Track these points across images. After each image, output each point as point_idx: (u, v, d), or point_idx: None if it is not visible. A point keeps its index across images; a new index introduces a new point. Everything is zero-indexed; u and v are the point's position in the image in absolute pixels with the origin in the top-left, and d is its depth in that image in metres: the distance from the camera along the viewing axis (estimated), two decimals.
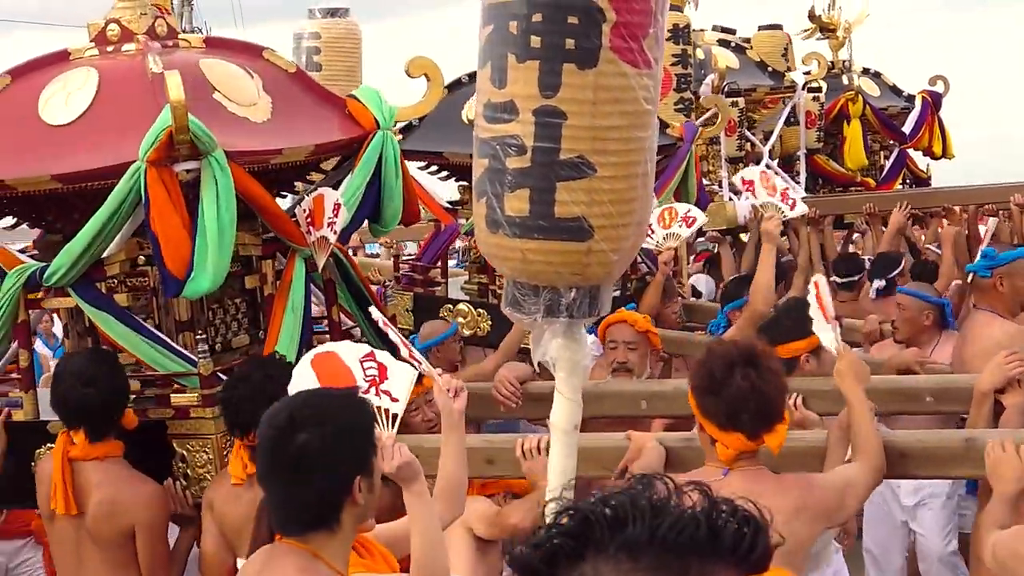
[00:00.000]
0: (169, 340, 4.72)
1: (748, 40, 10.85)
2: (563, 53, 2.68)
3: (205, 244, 4.35)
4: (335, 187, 5.10)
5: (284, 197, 5.42)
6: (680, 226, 7.08)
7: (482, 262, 6.88)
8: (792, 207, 6.99)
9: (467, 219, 6.56)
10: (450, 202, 7.31)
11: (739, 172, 7.47)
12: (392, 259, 7.87)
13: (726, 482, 3.56)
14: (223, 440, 4.60)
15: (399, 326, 6.50)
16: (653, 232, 6.98)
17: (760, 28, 10.88)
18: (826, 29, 11.38)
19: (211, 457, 4.59)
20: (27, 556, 6.60)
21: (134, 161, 4.36)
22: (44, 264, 4.68)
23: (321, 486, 2.83)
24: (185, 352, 4.68)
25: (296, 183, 5.46)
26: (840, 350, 4.07)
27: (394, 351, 5.18)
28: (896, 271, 7.60)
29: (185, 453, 4.63)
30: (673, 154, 7.27)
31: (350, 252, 5.86)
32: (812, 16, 11.36)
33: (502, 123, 2.77)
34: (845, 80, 11.05)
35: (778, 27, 10.86)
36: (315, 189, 5.12)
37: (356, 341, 5.29)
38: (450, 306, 6.78)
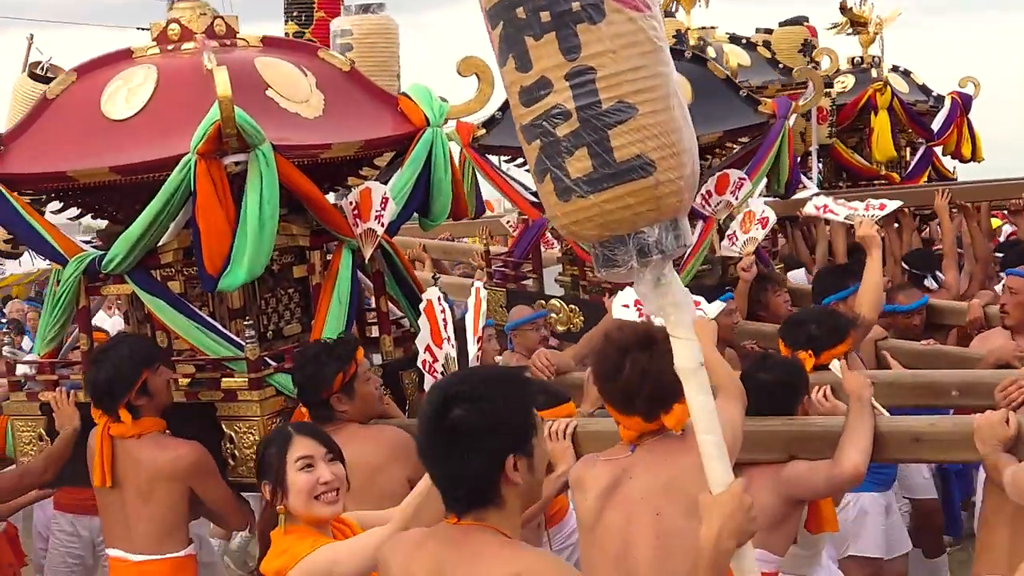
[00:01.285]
0: (219, 326, 4.92)
1: (770, 31, 10.77)
2: (573, 16, 2.84)
3: (245, 237, 4.54)
4: (385, 182, 5.26)
5: (337, 191, 5.58)
6: (756, 228, 6.94)
7: (573, 254, 6.97)
8: (881, 208, 6.82)
9: None
10: (535, 194, 7.28)
11: (811, 200, 7.30)
12: (483, 254, 7.96)
13: (634, 458, 3.79)
14: (269, 422, 4.78)
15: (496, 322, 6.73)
16: (737, 239, 6.90)
17: (780, 24, 10.82)
18: (857, 24, 11.19)
19: (257, 439, 4.76)
20: None
21: (186, 154, 4.56)
22: (103, 252, 4.91)
23: (474, 462, 2.83)
24: (234, 338, 4.86)
25: (349, 178, 5.62)
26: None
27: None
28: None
29: (233, 434, 4.82)
30: (766, 132, 7.05)
31: None
32: (843, 9, 11.15)
33: (540, 100, 2.91)
34: (874, 74, 10.90)
35: (799, 22, 10.79)
36: (362, 183, 5.31)
37: (404, 331, 5.51)
38: (542, 302, 6.89)
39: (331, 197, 5.48)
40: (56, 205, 5.36)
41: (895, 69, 11.77)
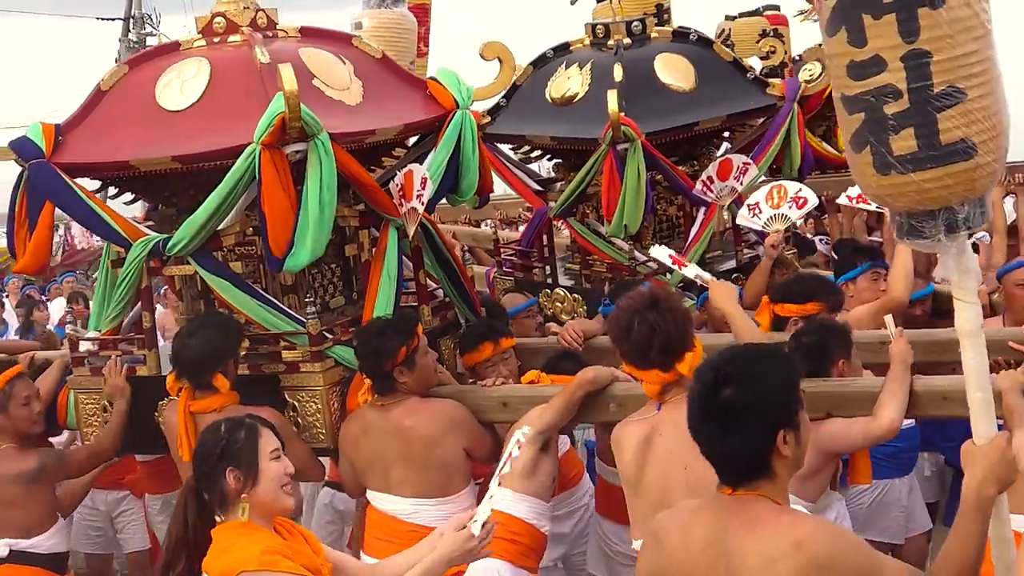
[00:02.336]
0: (278, 302, 5.27)
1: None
2: (915, 0, 2.96)
3: (307, 220, 4.86)
4: (418, 162, 5.61)
5: (373, 172, 5.91)
6: (790, 207, 6.55)
7: (577, 244, 6.99)
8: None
9: (555, 201, 6.81)
10: (539, 183, 7.36)
11: (848, 189, 6.74)
12: (493, 243, 8.05)
13: (661, 415, 4.26)
14: (330, 391, 5.15)
15: None
16: (760, 212, 6.57)
17: (740, 15, 10.53)
18: None
19: (320, 407, 5.14)
20: (127, 507, 7.28)
21: (246, 144, 4.87)
22: (167, 235, 5.23)
23: (747, 439, 2.96)
24: (293, 313, 5.21)
25: (383, 159, 5.96)
26: (708, 280, 4.86)
27: (473, 308, 5.79)
28: None
29: (296, 404, 5.18)
30: (773, 115, 7.02)
31: None
32: None
33: (871, 77, 3.02)
34: None
35: (758, 13, 10.43)
36: (403, 165, 5.65)
37: (439, 301, 5.88)
38: (548, 291, 6.96)
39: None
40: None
41: None
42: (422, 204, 5.43)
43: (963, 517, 3.00)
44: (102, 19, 39.98)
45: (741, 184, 6.72)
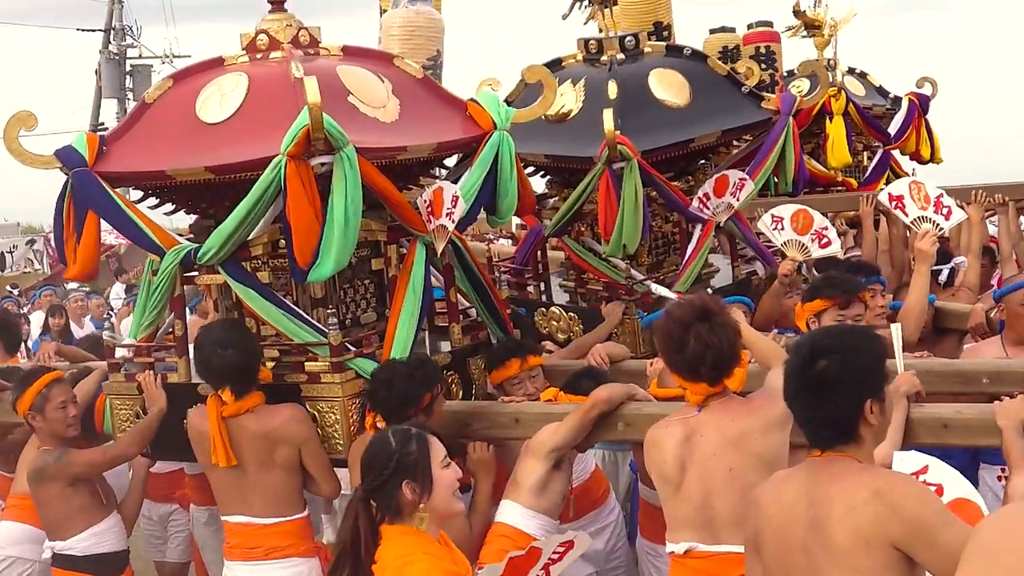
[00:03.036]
0: (304, 314, 5.33)
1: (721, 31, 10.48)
2: None
3: (332, 232, 4.92)
4: (455, 181, 5.66)
5: (411, 190, 5.97)
6: (812, 240, 6.57)
7: (571, 262, 6.96)
8: (948, 216, 6.37)
9: (550, 220, 6.75)
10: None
11: (886, 187, 6.73)
12: (486, 260, 7.79)
13: (701, 418, 4.29)
14: (349, 403, 5.20)
15: None
16: (783, 229, 6.58)
17: (711, 31, 10.56)
18: (811, 26, 10.92)
19: (338, 418, 5.19)
20: (175, 519, 7.45)
21: (277, 155, 4.98)
22: (198, 245, 5.34)
23: (837, 406, 3.33)
24: (318, 325, 5.28)
25: (421, 178, 6.02)
26: None
27: (504, 327, 5.80)
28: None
29: (316, 414, 5.24)
30: (768, 130, 6.87)
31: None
32: (797, 12, 10.92)
33: None
34: (831, 78, 10.44)
35: (728, 30, 10.50)
36: (435, 183, 5.71)
37: (471, 320, 5.91)
38: (543, 310, 6.89)
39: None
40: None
41: (851, 71, 11.59)
42: (452, 222, 5.47)
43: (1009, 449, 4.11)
44: (83, 30, 40.83)
45: (737, 200, 6.71)
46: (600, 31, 7.23)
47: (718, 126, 6.80)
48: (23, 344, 10.20)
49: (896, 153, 11.08)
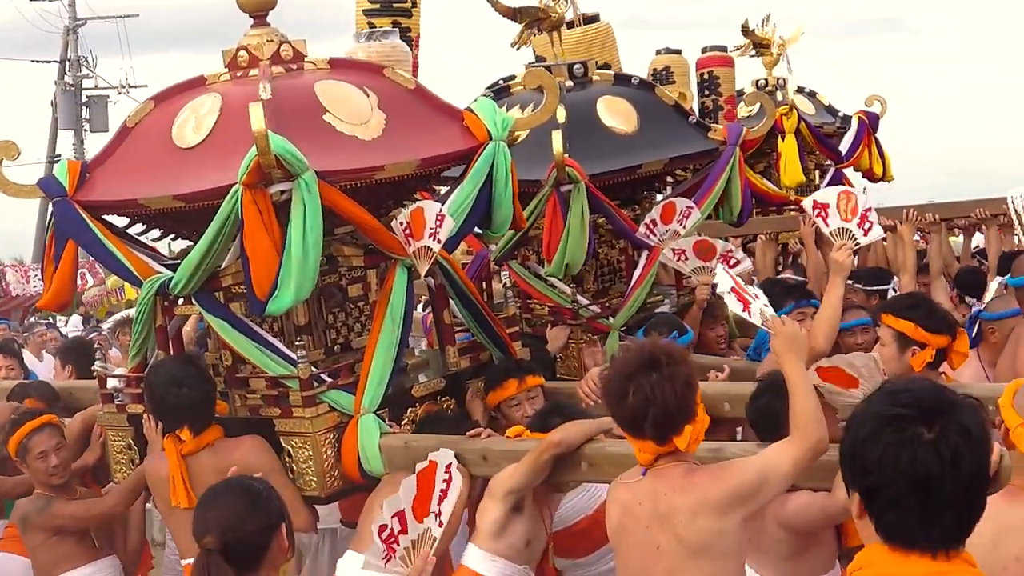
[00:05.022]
0: (279, 344, 5.13)
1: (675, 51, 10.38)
2: None
3: (290, 262, 4.70)
4: (444, 198, 5.39)
5: (405, 205, 5.70)
6: (720, 266, 6.38)
7: (517, 287, 6.71)
8: (867, 232, 6.12)
9: (496, 244, 6.50)
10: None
11: (813, 194, 6.47)
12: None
13: (643, 483, 3.87)
14: (322, 438, 4.98)
15: None
16: (687, 259, 6.73)
17: (657, 52, 10.38)
18: (759, 45, 10.78)
19: (311, 454, 4.98)
20: None
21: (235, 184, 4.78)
22: (172, 275, 5.18)
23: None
24: (292, 356, 5.07)
25: (422, 191, 5.77)
26: (773, 324, 4.11)
27: (505, 349, 5.54)
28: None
29: (290, 449, 5.04)
30: (715, 159, 6.90)
31: None
32: (746, 31, 10.75)
33: None
34: (780, 97, 10.42)
35: (676, 51, 10.34)
36: (444, 199, 5.45)
37: (470, 343, 5.65)
38: None
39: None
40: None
41: (800, 90, 11.38)
42: (438, 242, 5.20)
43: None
44: (37, 62, 40.62)
45: (684, 228, 6.66)
46: (535, 56, 7.30)
47: (665, 154, 6.74)
48: None
49: (849, 172, 10.80)
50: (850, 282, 7.20)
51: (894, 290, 7.77)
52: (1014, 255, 7.99)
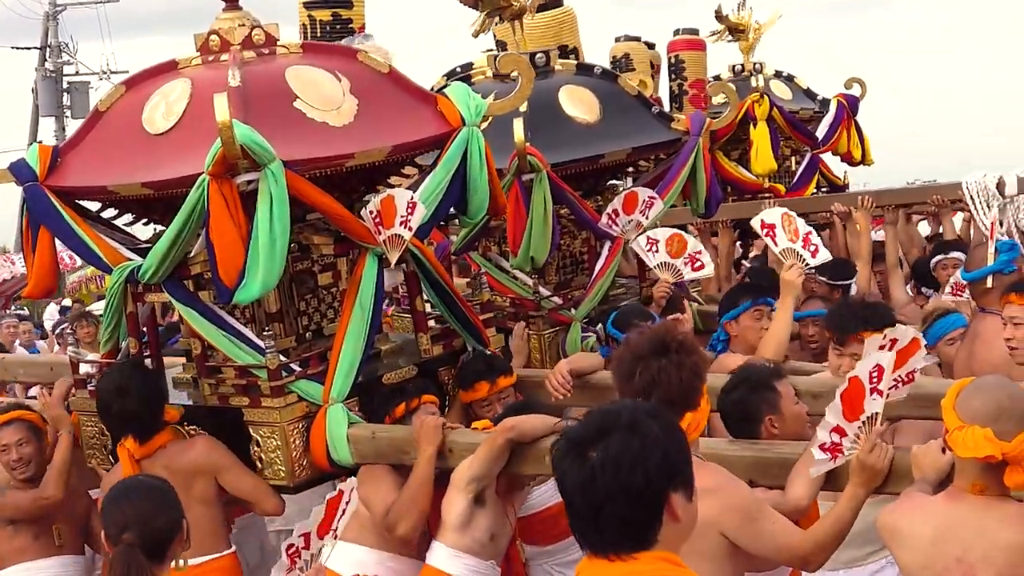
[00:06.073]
0: (248, 333, 5.11)
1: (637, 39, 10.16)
2: None
3: (257, 252, 4.68)
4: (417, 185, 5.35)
5: (378, 191, 5.66)
6: (685, 265, 6.70)
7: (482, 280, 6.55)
8: (815, 254, 6.32)
9: (457, 235, 6.45)
10: None
11: (759, 214, 6.62)
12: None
13: None
14: (290, 428, 4.97)
15: None
16: (657, 251, 6.67)
17: (616, 39, 10.15)
18: (735, 31, 10.50)
19: (279, 443, 4.97)
20: None
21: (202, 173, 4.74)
22: (141, 262, 5.15)
23: None
24: (261, 345, 5.04)
25: (395, 177, 5.72)
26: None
27: (479, 337, 5.51)
28: None
29: (259, 439, 5.03)
30: (679, 150, 6.80)
31: None
32: (720, 17, 10.44)
33: None
34: (754, 83, 10.16)
35: (636, 38, 10.14)
36: (416, 185, 5.41)
37: (443, 329, 5.63)
38: None
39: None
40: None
41: (778, 75, 11.15)
42: (409, 230, 5.17)
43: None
44: (17, 48, 39.98)
45: (647, 218, 6.56)
46: (496, 43, 7.17)
47: (628, 143, 6.61)
48: None
49: (828, 156, 10.70)
50: (814, 273, 7.23)
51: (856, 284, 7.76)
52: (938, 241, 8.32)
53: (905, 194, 9.32)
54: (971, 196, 7.31)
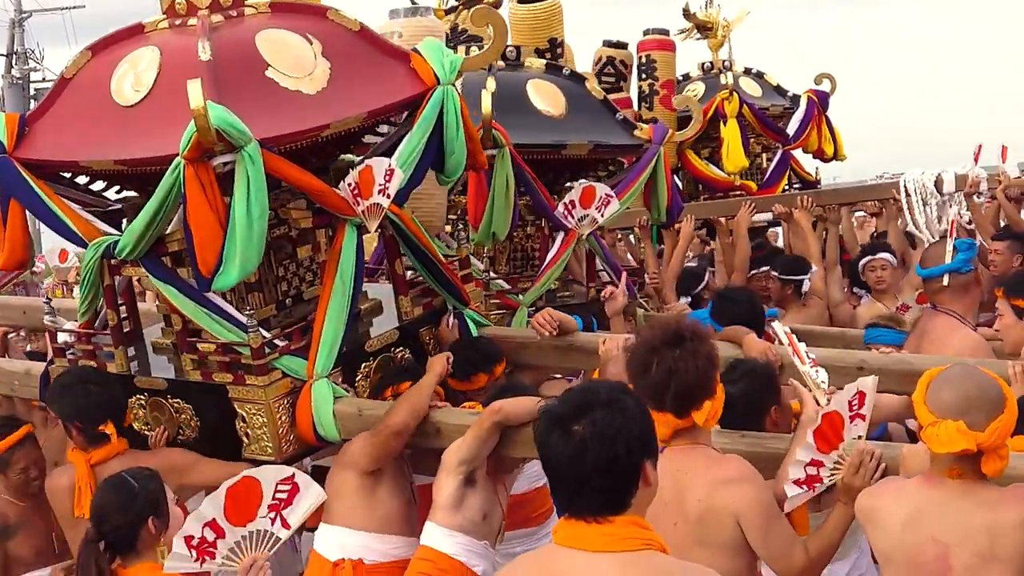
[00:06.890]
0: (230, 309, 5.07)
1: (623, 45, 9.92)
2: None
3: (235, 237, 4.61)
4: (392, 149, 5.28)
5: (353, 150, 5.60)
6: (598, 210, 6.57)
7: None
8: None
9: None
10: None
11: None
12: None
13: (661, 461, 3.82)
14: (276, 405, 4.97)
15: None
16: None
17: (604, 43, 9.96)
18: (704, 28, 10.49)
19: (264, 421, 4.98)
20: None
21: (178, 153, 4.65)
22: (118, 236, 5.09)
23: None
24: (242, 320, 5.01)
25: (367, 137, 5.64)
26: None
27: (459, 296, 5.50)
28: (701, 286, 8.14)
29: (244, 415, 5.03)
30: (640, 155, 6.85)
31: None
32: (687, 15, 10.41)
33: None
34: (724, 80, 10.15)
35: (623, 45, 9.84)
36: (385, 147, 5.35)
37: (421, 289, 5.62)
38: None
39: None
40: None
41: (748, 72, 11.12)
42: (387, 197, 5.14)
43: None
44: None
45: (602, 215, 6.53)
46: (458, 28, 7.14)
47: (591, 139, 6.64)
48: None
49: (799, 152, 10.70)
50: (767, 269, 7.23)
51: (809, 280, 7.85)
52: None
53: (845, 194, 9.49)
54: (908, 194, 7.42)
